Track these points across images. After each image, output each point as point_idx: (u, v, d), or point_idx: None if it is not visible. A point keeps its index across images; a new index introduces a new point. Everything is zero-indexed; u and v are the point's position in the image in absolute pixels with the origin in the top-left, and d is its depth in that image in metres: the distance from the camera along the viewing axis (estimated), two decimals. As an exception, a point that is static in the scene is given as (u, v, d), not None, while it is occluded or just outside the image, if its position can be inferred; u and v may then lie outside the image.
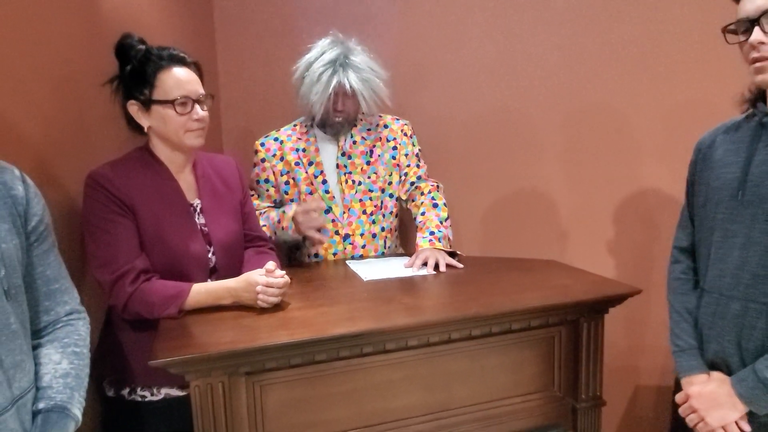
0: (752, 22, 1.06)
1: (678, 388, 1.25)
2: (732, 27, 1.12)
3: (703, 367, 1.20)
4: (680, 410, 1.22)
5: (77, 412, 0.91)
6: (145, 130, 1.34)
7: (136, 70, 1.29)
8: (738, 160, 1.16)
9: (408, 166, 1.87)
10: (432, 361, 1.25)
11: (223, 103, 2.24)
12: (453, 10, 2.13)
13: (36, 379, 0.90)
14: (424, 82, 2.19)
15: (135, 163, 1.34)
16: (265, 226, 1.72)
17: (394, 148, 1.86)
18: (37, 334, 0.95)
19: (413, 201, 1.87)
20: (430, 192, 1.85)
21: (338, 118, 1.76)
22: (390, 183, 1.86)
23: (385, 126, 1.88)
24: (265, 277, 1.26)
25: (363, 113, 1.83)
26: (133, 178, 1.30)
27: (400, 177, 1.87)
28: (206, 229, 1.40)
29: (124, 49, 1.29)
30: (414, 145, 1.90)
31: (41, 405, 0.88)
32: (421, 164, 1.90)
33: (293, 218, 1.68)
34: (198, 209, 1.41)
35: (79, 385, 0.94)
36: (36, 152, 1.19)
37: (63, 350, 0.94)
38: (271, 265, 1.28)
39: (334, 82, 1.67)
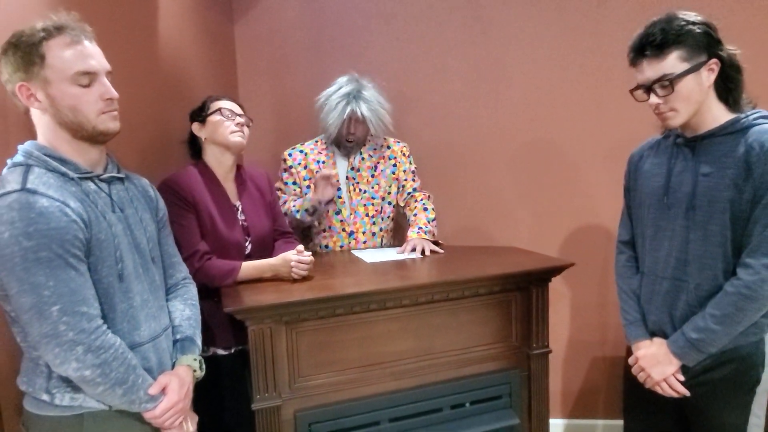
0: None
1: (630, 353, 1.53)
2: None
3: (646, 335, 1.49)
4: (632, 370, 1.49)
5: (199, 342, 1.34)
6: (202, 140, 1.79)
7: (199, 109, 1.82)
8: (662, 172, 1.46)
9: (405, 180, 2.29)
10: (420, 317, 1.66)
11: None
12: (437, 58, 2.57)
13: (170, 321, 1.32)
14: (406, 111, 2.58)
15: (194, 173, 1.77)
16: (292, 206, 2.15)
17: (394, 165, 2.27)
18: (165, 293, 1.36)
19: (408, 207, 2.30)
20: (422, 200, 2.27)
21: (350, 140, 2.16)
22: (389, 193, 2.28)
23: (388, 147, 2.29)
24: (297, 256, 1.68)
25: (371, 135, 2.24)
26: (194, 185, 1.73)
27: (398, 188, 2.29)
28: (245, 224, 1.83)
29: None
30: (411, 164, 2.32)
31: (177, 336, 1.30)
32: (416, 179, 2.32)
33: (314, 183, 2.09)
34: (239, 209, 1.84)
35: (198, 325, 1.36)
36: (142, 152, 1.70)
37: (184, 302, 1.36)
38: (300, 246, 1.71)
39: (348, 110, 2.09)
